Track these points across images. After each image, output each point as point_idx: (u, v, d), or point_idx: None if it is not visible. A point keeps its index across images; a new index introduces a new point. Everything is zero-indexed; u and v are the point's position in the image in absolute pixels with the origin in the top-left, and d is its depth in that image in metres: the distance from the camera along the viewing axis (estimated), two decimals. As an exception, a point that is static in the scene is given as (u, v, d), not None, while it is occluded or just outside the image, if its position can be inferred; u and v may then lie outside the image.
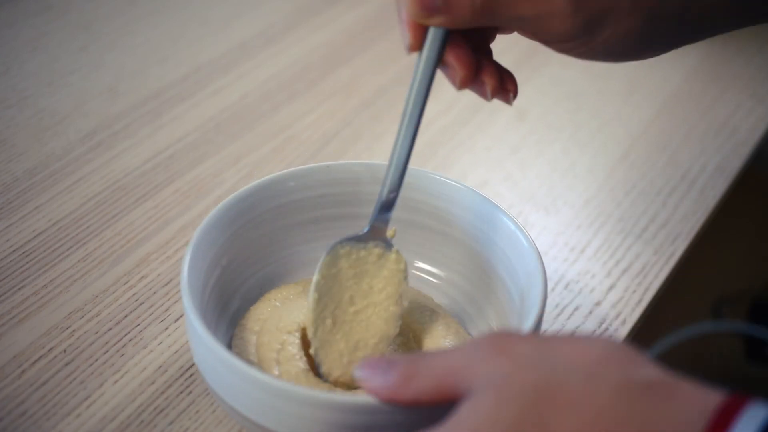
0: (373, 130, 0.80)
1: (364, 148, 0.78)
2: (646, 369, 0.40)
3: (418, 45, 0.49)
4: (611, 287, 0.66)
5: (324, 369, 0.53)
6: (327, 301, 0.53)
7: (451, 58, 0.50)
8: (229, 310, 0.58)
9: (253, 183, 0.58)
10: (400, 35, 0.50)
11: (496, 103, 0.84)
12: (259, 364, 0.53)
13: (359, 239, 0.54)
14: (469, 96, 0.86)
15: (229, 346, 0.55)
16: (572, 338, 0.42)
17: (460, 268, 0.61)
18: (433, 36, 0.49)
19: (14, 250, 0.65)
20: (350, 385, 0.53)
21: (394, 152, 0.52)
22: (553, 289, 0.65)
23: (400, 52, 0.91)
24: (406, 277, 0.55)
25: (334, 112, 0.82)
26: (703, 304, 1.14)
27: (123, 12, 0.93)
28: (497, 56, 0.53)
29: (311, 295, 0.53)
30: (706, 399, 0.38)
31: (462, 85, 0.50)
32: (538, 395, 0.39)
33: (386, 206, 0.53)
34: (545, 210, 0.73)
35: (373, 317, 0.54)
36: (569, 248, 0.69)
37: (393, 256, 0.55)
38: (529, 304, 0.53)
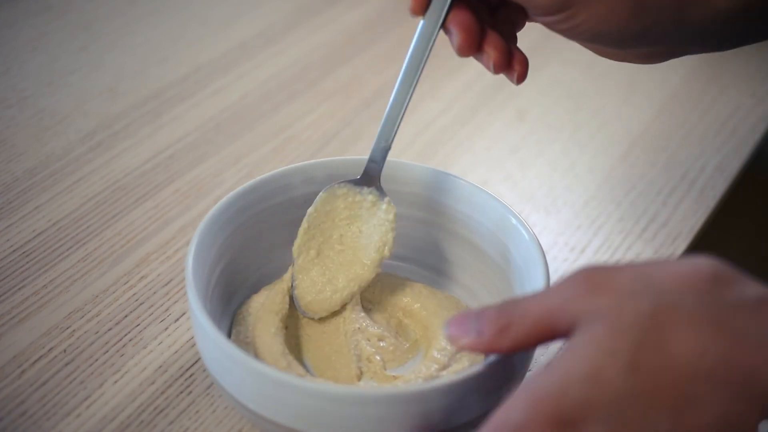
0: (373, 130, 0.80)
1: (364, 148, 0.78)
2: (757, 286, 0.39)
3: (420, 9, 0.52)
4: (611, 287, 0.66)
5: (297, 292, 0.57)
6: (316, 233, 0.57)
7: (452, 23, 0.52)
8: (232, 305, 0.58)
9: (257, 178, 0.58)
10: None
11: (496, 102, 0.85)
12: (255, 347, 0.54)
13: (356, 183, 0.57)
14: (469, 96, 0.86)
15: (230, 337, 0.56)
16: (669, 262, 0.41)
17: (454, 258, 0.62)
18: (435, 3, 0.52)
19: (14, 250, 0.65)
20: (318, 312, 0.57)
21: (389, 106, 0.54)
22: (553, 289, 0.65)
23: (400, 52, 0.91)
24: (393, 228, 0.57)
25: (334, 112, 0.82)
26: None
27: (123, 12, 0.93)
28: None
29: (302, 224, 0.57)
30: None
31: (460, 51, 0.52)
32: (653, 320, 0.38)
33: (379, 156, 0.56)
34: (545, 210, 0.73)
35: (354, 258, 0.57)
36: (569, 248, 0.69)
37: (384, 206, 0.57)
38: (528, 277, 0.53)
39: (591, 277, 0.41)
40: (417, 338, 0.58)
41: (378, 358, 0.56)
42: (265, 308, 0.56)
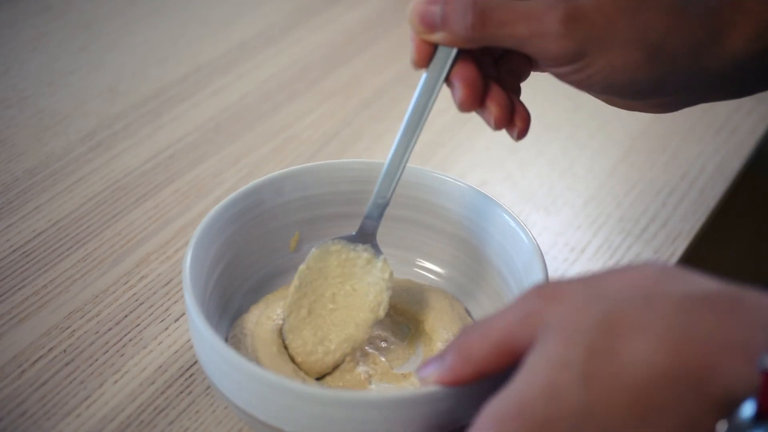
0: (373, 130, 0.80)
1: (364, 148, 0.78)
2: (704, 282, 0.39)
3: (422, 62, 0.50)
4: (611, 287, 0.66)
5: (290, 351, 0.55)
6: (308, 291, 0.55)
7: (456, 77, 0.50)
8: (230, 309, 0.58)
9: (256, 181, 0.58)
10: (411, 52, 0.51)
11: (496, 103, 0.85)
12: (255, 355, 0.54)
13: (350, 239, 0.55)
14: (469, 96, 0.86)
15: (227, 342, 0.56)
16: (619, 269, 0.41)
17: (454, 261, 0.61)
18: (440, 54, 0.50)
19: (14, 250, 0.65)
20: (309, 372, 0.55)
21: (388, 161, 0.53)
22: (553, 289, 0.65)
23: (400, 52, 0.91)
24: (389, 287, 0.55)
25: (334, 112, 0.82)
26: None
27: (123, 12, 0.93)
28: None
29: (294, 280, 0.55)
30: None
31: (462, 106, 0.51)
32: (603, 328, 0.38)
33: (375, 213, 0.54)
34: (545, 210, 0.73)
35: (347, 319, 0.55)
36: (569, 248, 0.69)
37: (380, 264, 0.55)
38: (528, 281, 0.53)
39: (543, 291, 0.42)
40: (412, 334, 0.58)
41: (383, 359, 0.56)
42: (262, 327, 0.56)
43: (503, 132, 0.83)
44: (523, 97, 0.54)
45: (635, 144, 0.81)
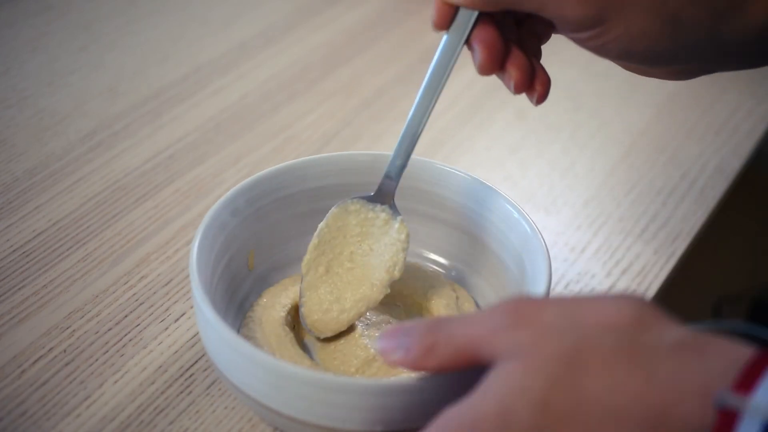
0: (373, 130, 0.80)
1: (364, 148, 0.78)
2: (677, 329, 0.40)
3: (442, 24, 0.51)
4: (611, 287, 0.66)
5: (304, 310, 0.56)
6: (326, 249, 0.56)
7: (476, 40, 0.50)
8: (237, 297, 0.58)
9: (262, 172, 0.59)
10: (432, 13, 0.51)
11: (496, 102, 0.85)
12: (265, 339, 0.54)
13: (369, 199, 0.56)
14: (469, 96, 0.86)
15: (238, 332, 0.56)
16: (597, 300, 0.41)
17: (456, 251, 0.62)
18: (461, 17, 0.50)
19: (14, 250, 0.65)
20: (323, 331, 0.56)
21: (407, 122, 0.53)
22: (552, 290, 0.65)
23: (400, 52, 0.91)
24: (405, 248, 0.56)
25: (334, 112, 0.82)
26: (703, 304, 1.14)
27: (123, 12, 0.93)
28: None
29: (313, 239, 0.56)
30: (736, 354, 0.38)
31: (482, 70, 0.51)
32: (569, 361, 0.39)
33: (394, 173, 0.55)
34: (545, 210, 0.73)
35: (363, 278, 0.56)
36: (569, 248, 0.69)
37: (397, 225, 0.56)
38: (532, 271, 0.53)
39: (517, 310, 0.41)
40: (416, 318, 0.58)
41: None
42: (270, 312, 0.56)
43: (503, 132, 0.83)
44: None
45: (635, 144, 0.81)
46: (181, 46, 0.89)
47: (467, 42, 0.51)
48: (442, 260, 0.63)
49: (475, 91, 0.86)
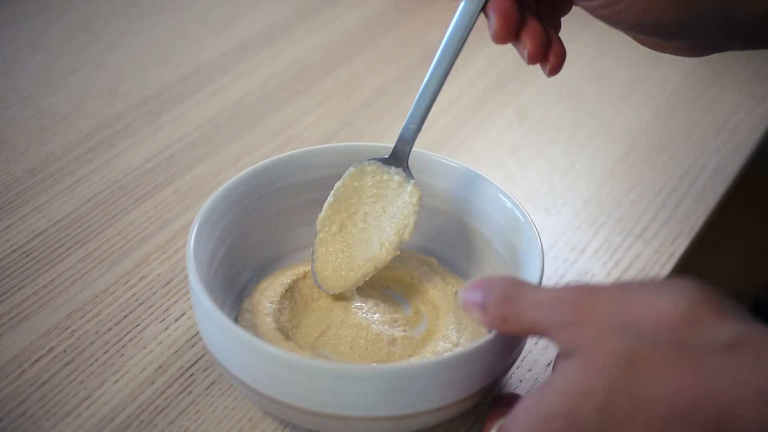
0: (373, 130, 0.80)
1: (364, 148, 0.78)
2: (732, 324, 0.40)
3: None
4: (611, 287, 0.66)
5: (315, 265, 0.57)
6: (341, 207, 0.57)
7: (491, 8, 0.51)
8: (235, 288, 0.59)
9: (259, 163, 0.59)
10: None
11: (496, 102, 0.85)
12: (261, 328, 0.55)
13: (384, 161, 0.57)
14: (469, 96, 0.86)
15: (236, 322, 0.57)
16: (654, 291, 0.42)
17: (444, 238, 0.63)
18: None
19: (14, 250, 0.65)
20: (332, 288, 0.57)
21: (422, 86, 0.54)
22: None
23: (400, 52, 0.91)
24: (416, 212, 0.56)
25: (334, 112, 0.82)
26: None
27: (123, 12, 0.93)
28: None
29: (329, 197, 0.57)
30: None
31: (496, 39, 0.51)
32: (626, 364, 0.40)
33: (408, 135, 0.56)
34: (545, 210, 0.73)
35: (374, 239, 0.57)
36: (569, 248, 0.69)
37: (410, 188, 0.57)
38: (524, 255, 0.54)
39: (579, 302, 0.43)
40: (429, 328, 0.59)
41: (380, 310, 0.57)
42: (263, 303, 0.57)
43: (503, 132, 0.83)
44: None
45: (635, 144, 0.81)
46: (181, 46, 0.89)
47: (483, 10, 0.51)
48: (433, 247, 0.63)
49: (476, 91, 0.86)
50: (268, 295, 0.57)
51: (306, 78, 0.86)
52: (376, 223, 0.57)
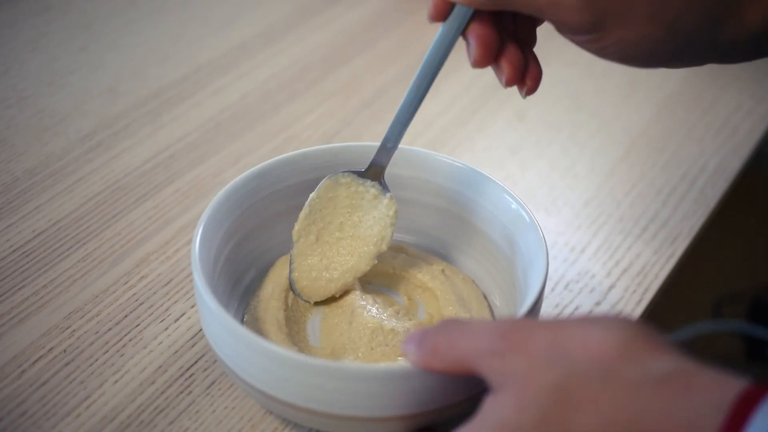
0: (373, 130, 0.80)
1: (364, 148, 0.78)
2: (664, 358, 0.40)
3: (438, 16, 0.51)
4: (611, 287, 0.66)
5: (294, 275, 0.58)
6: (317, 218, 0.58)
7: (471, 35, 0.51)
8: (239, 287, 0.59)
9: (263, 163, 0.59)
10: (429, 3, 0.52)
11: (496, 102, 0.85)
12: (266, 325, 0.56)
13: (360, 174, 0.58)
14: (469, 96, 0.86)
15: (242, 321, 0.57)
16: (588, 326, 0.42)
17: (444, 234, 0.63)
18: (457, 11, 0.51)
19: (14, 250, 0.65)
20: (312, 297, 0.58)
21: (400, 107, 0.54)
22: (552, 289, 0.66)
23: (400, 52, 0.91)
24: (393, 224, 0.57)
25: (334, 112, 0.82)
26: (703, 304, 1.14)
27: (123, 12, 0.93)
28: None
29: (304, 208, 0.57)
30: (723, 389, 0.38)
31: (475, 64, 0.52)
32: (557, 396, 0.40)
33: (383, 156, 0.56)
34: (545, 210, 0.73)
35: (351, 249, 0.58)
36: (569, 248, 0.69)
37: (386, 201, 0.57)
38: (526, 248, 0.55)
39: (509, 334, 0.43)
40: (430, 311, 0.59)
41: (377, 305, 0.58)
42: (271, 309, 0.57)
43: (503, 132, 0.83)
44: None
45: (635, 144, 0.81)
46: (181, 46, 0.89)
47: (463, 34, 0.51)
48: (432, 245, 0.64)
49: (475, 92, 0.86)
50: (273, 294, 0.58)
51: (306, 78, 0.86)
52: (353, 233, 0.58)
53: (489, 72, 0.54)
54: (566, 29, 0.50)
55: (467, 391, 0.49)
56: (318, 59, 0.89)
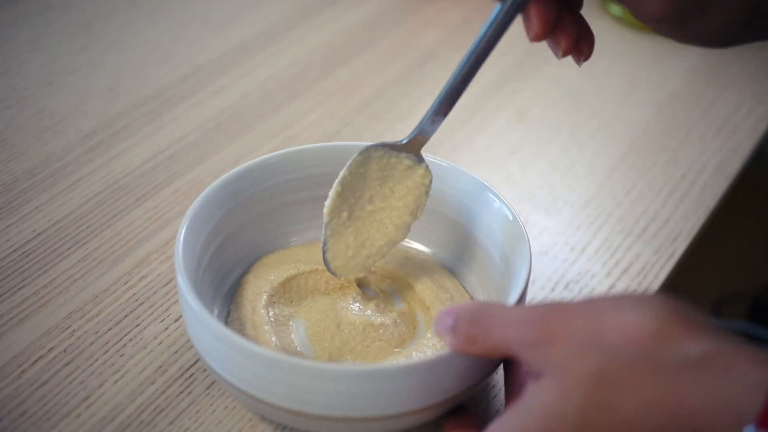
0: (373, 130, 0.80)
1: (364, 148, 0.78)
2: (702, 340, 0.40)
3: None
4: (611, 287, 0.66)
5: (328, 255, 0.57)
6: (348, 195, 0.56)
7: (532, 11, 0.50)
8: (223, 288, 0.59)
9: (247, 163, 0.59)
10: None
11: (496, 102, 0.85)
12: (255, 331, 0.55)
13: (393, 147, 0.56)
14: (468, 96, 0.86)
15: (226, 323, 0.57)
16: (622, 309, 0.42)
17: (442, 241, 0.63)
18: None
19: (14, 250, 0.65)
20: (347, 274, 0.58)
21: (451, 80, 0.53)
22: (553, 289, 0.66)
23: (400, 52, 0.91)
24: (427, 192, 0.57)
25: (334, 112, 0.82)
26: (703, 304, 1.14)
27: (123, 12, 0.93)
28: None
29: (335, 187, 0.56)
30: (764, 369, 0.38)
31: (535, 39, 0.51)
32: (598, 382, 0.40)
33: (429, 128, 0.55)
34: (545, 210, 0.73)
35: (386, 220, 0.57)
36: (569, 248, 0.69)
37: (421, 170, 0.57)
38: (514, 266, 0.54)
39: (545, 323, 0.43)
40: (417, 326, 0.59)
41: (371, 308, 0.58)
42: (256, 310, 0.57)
43: (503, 132, 0.83)
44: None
45: (635, 144, 0.81)
46: (181, 46, 0.89)
47: (524, 11, 0.50)
48: (430, 250, 0.64)
49: (475, 92, 0.86)
50: (258, 293, 0.57)
51: (306, 78, 0.86)
52: (384, 204, 0.57)
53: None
54: (648, 19, 0.50)
55: (492, 367, 0.50)
56: (318, 59, 0.89)
